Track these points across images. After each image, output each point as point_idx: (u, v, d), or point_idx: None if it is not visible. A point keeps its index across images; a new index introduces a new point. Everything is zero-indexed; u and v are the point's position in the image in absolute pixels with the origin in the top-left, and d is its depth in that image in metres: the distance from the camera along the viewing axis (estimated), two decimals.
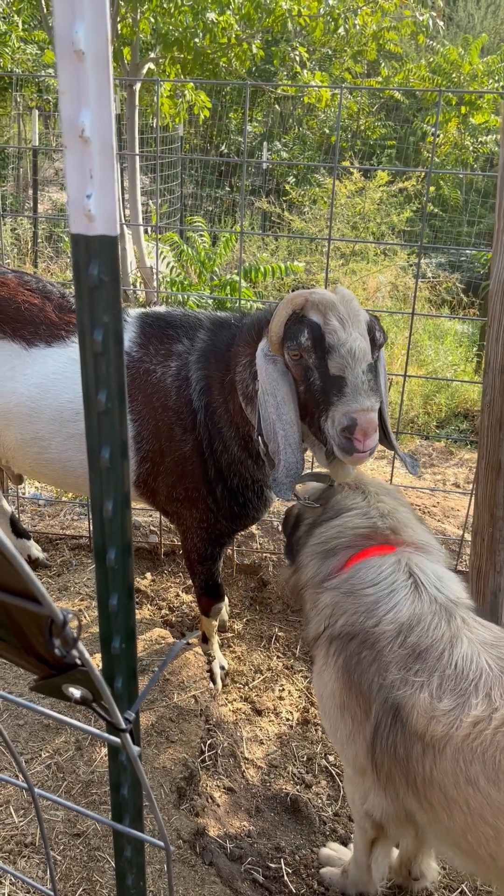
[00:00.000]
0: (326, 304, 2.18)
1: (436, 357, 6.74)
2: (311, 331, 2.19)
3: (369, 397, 2.14)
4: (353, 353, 2.15)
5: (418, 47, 13.45)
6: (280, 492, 2.35)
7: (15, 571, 0.62)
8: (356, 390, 2.14)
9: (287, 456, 2.33)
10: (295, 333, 2.22)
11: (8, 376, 2.70)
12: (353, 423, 2.12)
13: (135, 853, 1.10)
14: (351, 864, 2.18)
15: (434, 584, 1.88)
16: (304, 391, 2.28)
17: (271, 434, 2.35)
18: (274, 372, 2.30)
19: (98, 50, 0.66)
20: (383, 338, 2.31)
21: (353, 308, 2.20)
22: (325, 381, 2.19)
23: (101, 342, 0.77)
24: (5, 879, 1.97)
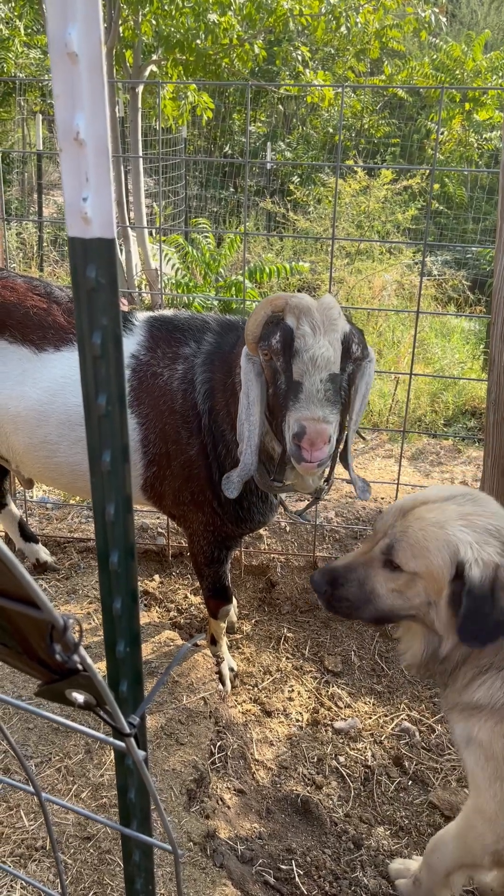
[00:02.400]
0: (303, 309, 2.18)
1: (442, 355, 6.72)
2: (283, 334, 2.19)
3: (322, 407, 2.11)
4: (315, 360, 2.13)
5: (421, 44, 13.41)
6: (229, 489, 2.37)
7: (14, 577, 0.62)
8: (310, 398, 2.12)
9: (246, 456, 2.34)
10: (268, 335, 2.22)
11: (18, 380, 2.71)
12: (301, 431, 2.10)
13: (143, 857, 1.09)
14: (424, 870, 2.15)
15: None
16: (272, 394, 2.29)
17: (241, 434, 2.36)
18: (250, 372, 2.31)
19: (91, 52, 0.66)
20: (362, 352, 2.28)
21: (329, 316, 2.18)
22: (288, 385, 2.19)
23: (100, 345, 0.77)
24: (16, 884, 1.97)
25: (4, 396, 2.72)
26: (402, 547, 1.79)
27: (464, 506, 1.80)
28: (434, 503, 1.83)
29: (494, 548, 1.73)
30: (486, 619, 1.68)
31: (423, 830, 2.58)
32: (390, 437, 5.50)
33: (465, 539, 1.72)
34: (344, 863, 2.44)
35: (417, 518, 1.80)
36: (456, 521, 1.76)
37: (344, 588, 1.90)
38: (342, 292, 7.73)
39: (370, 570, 1.87)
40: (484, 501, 1.85)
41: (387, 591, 1.85)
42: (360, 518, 3.83)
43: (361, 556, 1.92)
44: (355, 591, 1.88)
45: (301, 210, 10.49)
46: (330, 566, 1.96)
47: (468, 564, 1.69)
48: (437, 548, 1.74)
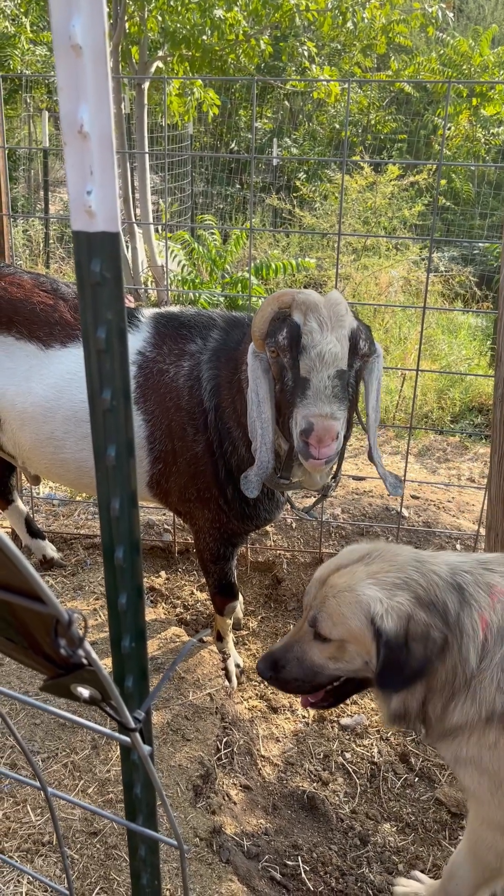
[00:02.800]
0: (309, 305, 2.17)
1: (449, 351, 6.70)
2: (290, 330, 2.18)
3: (330, 403, 2.11)
4: (322, 357, 2.12)
5: (428, 40, 13.35)
6: (248, 489, 2.35)
7: (19, 571, 0.62)
8: (317, 394, 2.11)
9: (261, 455, 2.33)
10: (275, 331, 2.21)
11: (25, 377, 2.71)
12: (309, 428, 2.09)
13: (149, 852, 1.09)
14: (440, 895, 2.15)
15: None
16: (279, 390, 2.28)
17: (253, 432, 2.35)
18: (258, 369, 2.30)
19: (95, 44, 0.65)
20: (369, 348, 2.27)
21: (336, 312, 2.18)
22: (295, 381, 2.18)
23: (105, 339, 0.77)
24: (23, 878, 1.98)
25: (11, 393, 2.72)
26: (323, 618, 1.85)
27: (371, 564, 1.86)
28: (345, 568, 1.88)
29: (405, 598, 1.78)
30: (403, 667, 1.74)
31: (430, 827, 2.58)
32: (397, 434, 5.48)
33: (374, 596, 1.78)
34: (350, 859, 2.44)
35: (331, 586, 1.86)
36: (364, 580, 1.82)
37: (286, 669, 1.96)
38: (348, 289, 7.71)
39: (304, 645, 1.93)
40: (391, 555, 1.89)
41: (325, 660, 1.91)
42: (366, 514, 3.83)
43: (295, 634, 1.98)
44: (297, 670, 1.95)
45: (307, 206, 10.47)
46: (269, 651, 2.01)
47: (378, 617, 1.75)
48: (352, 612, 1.80)
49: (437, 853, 2.48)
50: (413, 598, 1.78)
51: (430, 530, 3.71)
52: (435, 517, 3.82)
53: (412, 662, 1.73)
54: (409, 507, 3.87)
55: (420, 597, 1.78)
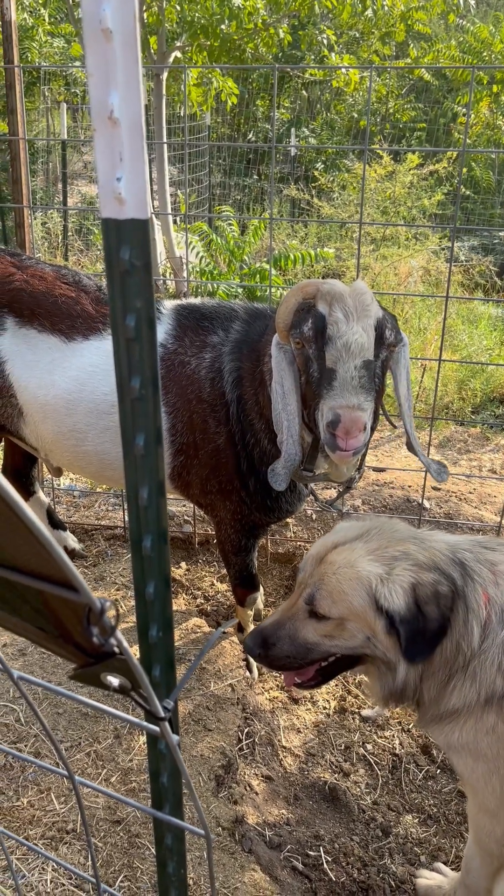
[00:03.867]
0: (335, 296, 2.15)
1: (470, 341, 6.64)
2: (315, 321, 2.15)
3: (357, 394, 2.08)
4: (349, 347, 2.10)
5: (448, 27, 13.19)
6: (276, 482, 2.34)
7: (52, 560, 0.61)
8: (344, 385, 2.09)
9: (288, 447, 2.32)
10: (300, 322, 2.19)
11: (47, 369, 2.72)
12: (336, 419, 2.07)
13: (175, 841, 1.10)
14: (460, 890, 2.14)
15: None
16: (304, 382, 2.26)
17: (279, 424, 2.34)
18: (283, 361, 2.28)
19: (126, 28, 0.65)
20: (395, 337, 2.24)
21: (362, 302, 2.15)
22: (321, 373, 2.15)
23: (134, 328, 0.76)
24: (48, 866, 2.00)
25: (34, 385, 2.74)
26: (322, 595, 1.81)
27: (370, 541, 1.83)
28: (343, 545, 1.84)
29: (406, 569, 1.75)
30: (424, 635, 1.71)
31: (452, 819, 2.57)
32: (417, 425, 5.45)
33: (376, 572, 1.75)
34: (372, 850, 2.44)
35: (330, 563, 1.82)
36: (365, 557, 1.79)
37: (277, 647, 1.90)
38: (368, 279, 7.67)
39: (297, 622, 1.88)
40: (389, 531, 1.86)
41: (320, 638, 1.87)
42: (387, 506, 3.81)
43: (287, 611, 1.92)
44: (289, 647, 1.90)
45: (325, 197, 10.41)
46: (258, 627, 1.96)
47: (383, 597, 1.72)
48: (353, 589, 1.76)
49: (460, 845, 2.48)
50: (414, 565, 1.76)
51: (452, 522, 3.68)
52: (456, 508, 3.80)
53: (431, 625, 1.70)
54: (430, 499, 3.85)
55: (422, 563, 1.76)
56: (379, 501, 3.84)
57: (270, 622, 1.93)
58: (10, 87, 3.45)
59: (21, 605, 0.73)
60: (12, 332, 2.73)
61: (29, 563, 0.65)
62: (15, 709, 2.50)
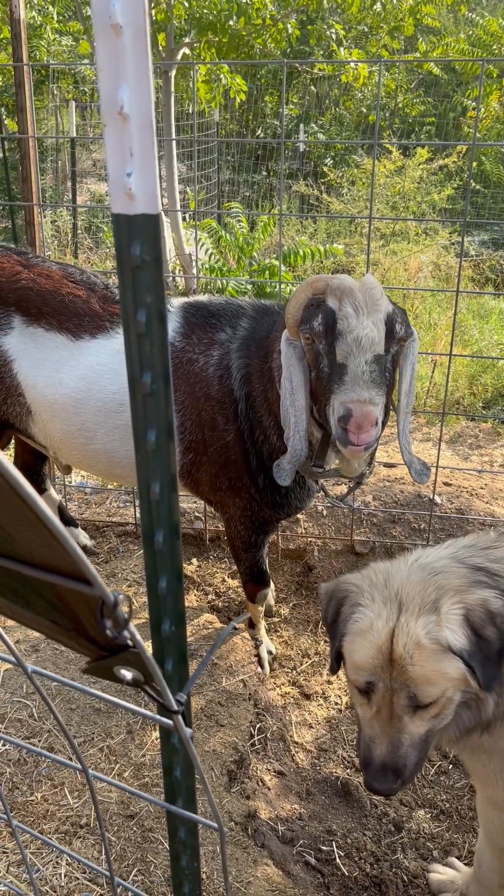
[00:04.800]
0: (344, 290, 2.14)
1: (480, 336, 6.61)
2: (325, 316, 2.15)
3: (368, 389, 2.08)
4: (359, 342, 2.09)
5: (456, 20, 13.13)
6: (281, 477, 2.34)
7: (66, 553, 0.62)
8: (355, 380, 2.09)
9: (294, 442, 2.32)
10: (310, 318, 2.19)
11: (54, 368, 2.73)
12: (347, 414, 2.07)
13: (189, 835, 1.10)
14: (473, 886, 2.13)
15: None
16: (314, 377, 2.26)
17: (286, 419, 2.34)
18: (292, 357, 2.28)
19: (136, 23, 0.65)
20: (405, 332, 2.24)
21: (372, 297, 2.15)
22: (331, 368, 2.15)
23: (145, 323, 0.77)
24: (62, 860, 2.01)
25: (42, 384, 2.74)
26: (422, 689, 1.66)
27: (408, 608, 1.68)
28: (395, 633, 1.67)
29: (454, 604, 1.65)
30: (490, 658, 1.63)
31: (465, 814, 2.57)
32: (428, 420, 5.44)
33: (434, 629, 1.64)
34: (385, 845, 2.44)
35: (402, 659, 1.66)
36: (419, 625, 1.64)
37: (408, 764, 1.72)
38: (377, 274, 7.64)
39: (409, 727, 1.71)
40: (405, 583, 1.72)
41: (430, 722, 1.71)
42: (398, 502, 3.80)
43: (389, 726, 1.72)
44: (415, 755, 1.72)
45: (335, 192, 10.37)
46: (380, 763, 1.72)
47: (452, 643, 1.63)
48: (438, 660, 1.64)
49: (472, 840, 2.47)
50: (456, 595, 1.66)
51: (463, 517, 3.67)
52: (468, 504, 3.79)
53: (493, 646, 1.62)
54: (441, 494, 3.84)
55: (461, 587, 1.67)
56: (390, 497, 3.83)
57: (386, 751, 1.71)
58: (20, 85, 3.46)
59: (35, 598, 0.74)
60: (20, 330, 2.74)
61: (43, 557, 0.65)
62: (28, 704, 2.52)
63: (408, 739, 1.70)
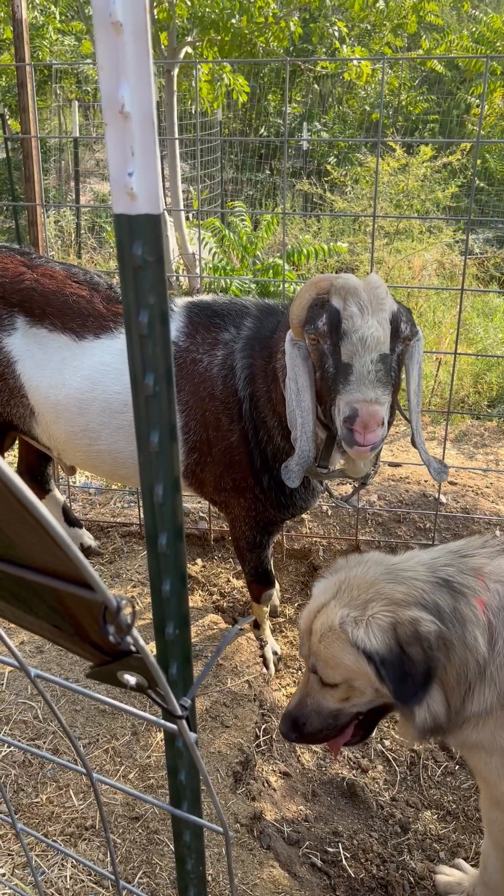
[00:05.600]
0: (349, 290, 2.13)
1: (485, 335, 6.59)
2: (330, 316, 2.14)
3: (374, 388, 2.06)
4: (364, 341, 2.08)
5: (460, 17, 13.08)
6: (289, 479, 2.33)
7: (68, 559, 0.61)
8: (361, 380, 2.07)
9: (301, 443, 2.30)
10: (314, 318, 2.18)
11: (58, 368, 2.72)
12: (353, 414, 2.05)
13: (194, 838, 1.09)
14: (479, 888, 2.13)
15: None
16: (319, 378, 2.24)
17: (293, 421, 2.32)
18: (297, 357, 2.27)
19: (136, 21, 0.64)
20: (410, 330, 2.22)
21: (377, 296, 2.13)
22: (336, 368, 2.14)
23: (147, 324, 0.76)
24: (67, 862, 2.01)
25: (45, 385, 2.74)
26: (321, 666, 1.82)
27: (342, 596, 1.81)
28: (322, 610, 1.83)
29: (382, 609, 1.73)
30: (413, 678, 1.68)
31: (471, 815, 2.56)
32: (433, 419, 5.42)
33: (351, 623, 1.74)
34: (391, 846, 2.43)
35: (315, 632, 1.82)
36: (338, 612, 1.77)
37: (308, 724, 1.91)
38: (381, 272, 7.63)
39: (315, 696, 1.89)
40: (359, 578, 1.83)
41: (339, 704, 1.87)
42: (403, 501, 3.79)
43: (304, 688, 1.93)
44: (318, 721, 1.90)
45: (338, 191, 10.35)
46: (286, 711, 1.98)
47: (360, 641, 1.71)
48: (340, 649, 1.75)
49: (479, 841, 2.46)
50: (391, 604, 1.73)
51: (469, 516, 3.66)
52: (473, 503, 3.77)
53: (417, 667, 1.68)
54: (446, 494, 3.82)
55: (401, 601, 1.74)
56: (395, 497, 3.82)
57: (293, 703, 1.94)
58: (22, 85, 3.46)
59: (37, 603, 0.73)
60: (23, 331, 2.73)
61: (45, 562, 0.65)
62: (33, 705, 2.51)
63: (312, 704, 1.89)
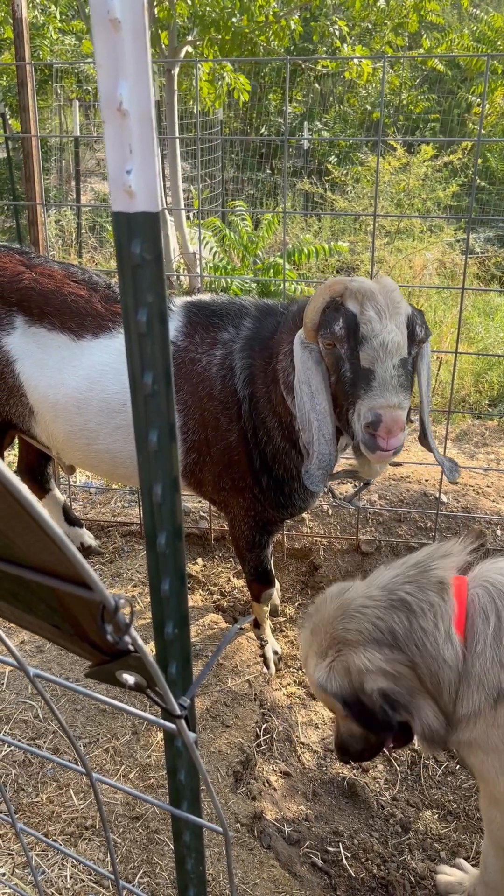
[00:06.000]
0: (365, 294, 2.12)
1: (486, 334, 6.59)
2: (346, 320, 2.12)
3: (397, 394, 2.06)
4: (386, 346, 2.07)
5: (461, 16, 13.07)
6: (312, 483, 2.31)
7: (66, 558, 0.61)
8: (384, 385, 2.06)
9: (321, 447, 2.29)
10: (330, 321, 2.16)
11: (56, 368, 2.72)
12: (377, 420, 2.05)
13: (193, 838, 1.09)
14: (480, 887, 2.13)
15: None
16: (335, 382, 2.23)
17: (306, 424, 2.31)
18: (309, 360, 2.25)
19: (134, 18, 0.64)
20: (425, 333, 2.22)
21: (393, 299, 2.12)
22: (355, 373, 2.12)
23: (146, 322, 0.75)
24: (67, 862, 2.00)
25: (44, 384, 2.74)
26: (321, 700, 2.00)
27: (313, 643, 1.93)
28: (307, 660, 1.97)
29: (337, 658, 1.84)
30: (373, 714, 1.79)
31: (472, 815, 2.56)
32: (434, 418, 5.42)
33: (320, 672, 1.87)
34: (392, 846, 2.43)
35: (310, 679, 1.97)
36: (312, 662, 1.92)
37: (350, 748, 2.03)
38: (382, 272, 7.62)
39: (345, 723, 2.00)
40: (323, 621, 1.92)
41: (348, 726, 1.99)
42: (403, 500, 3.79)
43: (335, 721, 2.09)
44: (356, 743, 2.01)
45: (339, 190, 10.35)
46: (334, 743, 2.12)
47: (329, 689, 1.85)
48: (321, 693, 1.90)
49: (480, 841, 2.46)
50: (344, 648, 1.82)
51: (470, 515, 3.66)
52: (474, 502, 3.77)
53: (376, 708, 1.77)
54: (447, 493, 3.82)
55: (352, 641, 1.82)
56: (396, 496, 3.82)
57: (335, 734, 2.09)
58: (22, 84, 3.46)
59: (35, 603, 0.73)
60: (22, 330, 2.73)
61: (43, 561, 0.64)
62: (34, 705, 2.51)
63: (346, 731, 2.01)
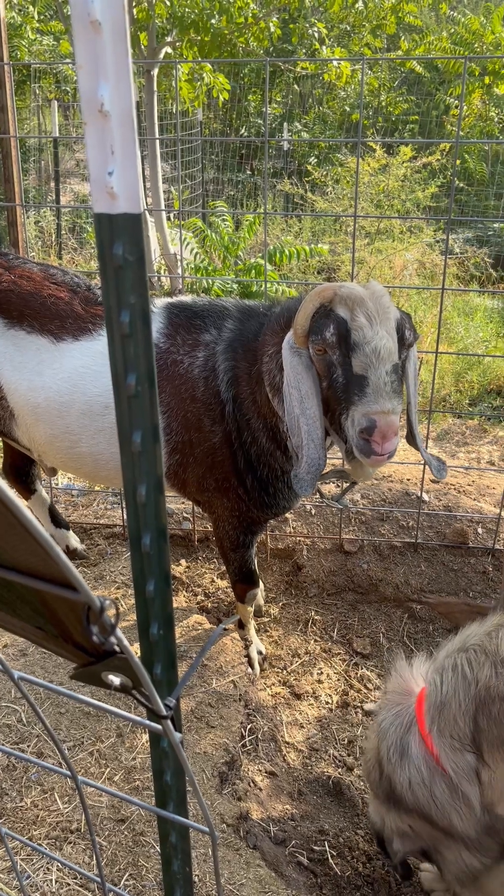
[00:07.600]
0: (355, 300, 2.13)
1: (466, 334, 6.63)
2: (337, 326, 2.13)
3: (391, 399, 2.08)
4: (378, 353, 2.09)
5: (439, 18, 13.17)
6: (301, 488, 2.32)
7: (50, 559, 0.61)
8: (378, 391, 2.08)
9: (310, 451, 2.30)
10: (320, 328, 2.17)
11: (36, 371, 2.70)
12: (371, 425, 2.06)
13: (180, 839, 1.09)
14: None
15: None
16: (326, 387, 2.24)
17: (295, 428, 2.32)
18: (298, 365, 2.25)
19: (115, 20, 0.64)
20: (413, 337, 2.23)
21: (382, 305, 2.14)
22: (347, 379, 2.14)
23: (129, 324, 0.76)
24: (52, 866, 2.00)
25: (24, 388, 2.72)
26: None
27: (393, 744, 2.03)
28: None
29: None
30: None
31: None
32: None
33: None
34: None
35: None
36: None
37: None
38: (363, 273, 7.65)
39: None
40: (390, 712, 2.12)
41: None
42: (386, 500, 3.81)
43: None
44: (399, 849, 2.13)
45: (319, 191, 10.38)
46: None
47: None
48: None
49: None
50: None
51: (451, 514, 3.68)
52: (455, 501, 3.80)
53: None
54: (429, 492, 3.84)
55: None
56: (378, 495, 3.84)
57: None
58: (0, 84, 3.44)
59: (20, 605, 0.73)
60: (0, 333, 2.71)
61: (27, 563, 0.64)
62: (17, 709, 2.50)
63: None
